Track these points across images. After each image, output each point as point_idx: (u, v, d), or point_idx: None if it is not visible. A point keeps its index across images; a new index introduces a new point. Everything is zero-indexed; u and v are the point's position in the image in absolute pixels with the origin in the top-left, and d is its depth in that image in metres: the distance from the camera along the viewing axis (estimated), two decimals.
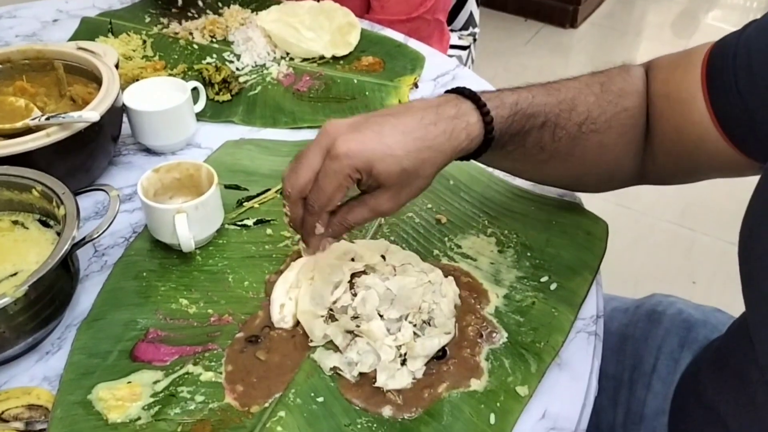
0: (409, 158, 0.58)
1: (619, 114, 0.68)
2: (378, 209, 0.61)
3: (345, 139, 0.57)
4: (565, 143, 0.67)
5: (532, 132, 0.66)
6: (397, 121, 0.59)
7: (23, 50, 0.88)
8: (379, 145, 0.57)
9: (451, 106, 0.62)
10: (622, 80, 0.69)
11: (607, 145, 0.69)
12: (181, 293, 0.70)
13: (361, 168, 0.57)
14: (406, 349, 0.62)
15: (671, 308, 0.86)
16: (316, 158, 0.58)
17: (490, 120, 0.62)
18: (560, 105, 0.66)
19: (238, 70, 1.05)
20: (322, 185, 0.58)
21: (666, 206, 2.15)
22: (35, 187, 0.69)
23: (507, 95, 0.65)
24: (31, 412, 0.59)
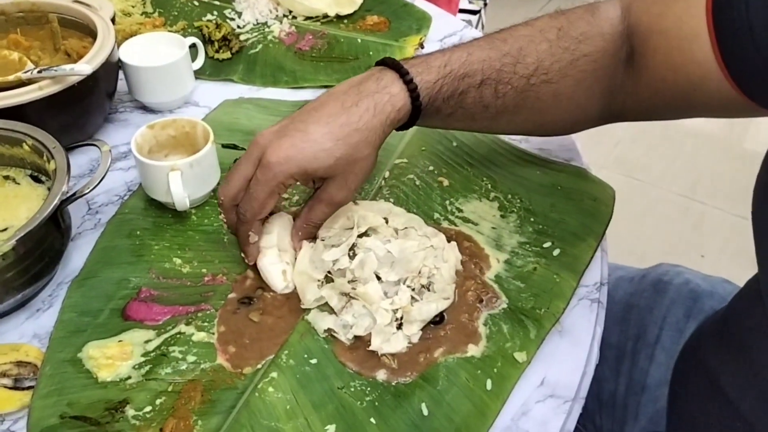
0: (339, 146, 0.59)
1: (577, 61, 0.64)
2: (333, 201, 0.63)
3: (274, 148, 0.58)
4: (511, 98, 0.65)
5: (469, 92, 0.63)
6: (320, 113, 0.60)
7: (17, 3, 0.85)
8: (308, 144, 0.58)
9: (373, 80, 0.61)
10: (585, 23, 0.65)
11: (564, 94, 0.65)
12: (175, 252, 0.68)
13: (295, 173, 0.59)
14: (402, 313, 0.61)
15: (678, 278, 0.84)
16: (248, 168, 0.60)
17: (414, 87, 0.61)
18: (503, 59, 0.63)
19: (239, 27, 1.02)
20: (254, 194, 0.60)
21: (676, 178, 2.12)
22: (26, 141, 0.67)
23: (435, 58, 0.63)
24: (20, 368, 0.58)
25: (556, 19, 0.66)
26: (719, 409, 0.65)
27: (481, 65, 0.63)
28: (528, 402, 0.57)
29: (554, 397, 0.57)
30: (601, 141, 2.24)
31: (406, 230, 0.67)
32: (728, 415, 0.63)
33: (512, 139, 0.82)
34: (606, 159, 2.16)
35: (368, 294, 0.60)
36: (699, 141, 2.25)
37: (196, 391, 0.57)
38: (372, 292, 0.60)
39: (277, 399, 0.56)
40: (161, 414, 0.55)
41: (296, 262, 0.64)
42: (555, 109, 0.67)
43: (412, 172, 0.77)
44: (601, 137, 2.26)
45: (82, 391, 0.57)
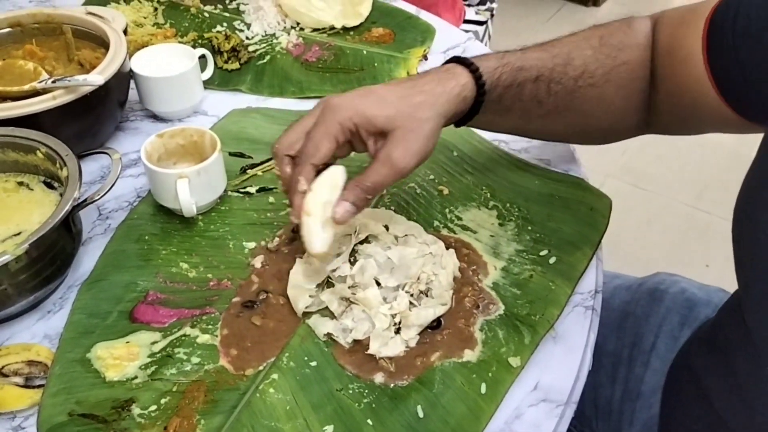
0: (402, 101, 0.59)
1: (618, 68, 0.67)
2: (389, 159, 0.58)
3: (339, 98, 0.59)
4: (562, 97, 0.67)
5: (526, 84, 0.66)
6: (387, 84, 0.63)
7: (33, 14, 0.88)
8: (372, 96, 0.60)
9: (438, 69, 0.64)
10: (623, 34, 0.68)
11: (606, 99, 0.69)
12: (182, 257, 0.71)
13: (354, 116, 0.58)
14: (400, 318, 0.62)
15: (674, 287, 0.86)
16: (308, 121, 0.60)
17: (476, 69, 0.64)
18: (554, 59, 0.66)
19: (248, 39, 1.05)
20: (312, 134, 0.59)
21: (682, 188, 2.12)
22: (39, 149, 0.70)
23: (493, 54, 0.67)
24: (31, 367, 0.60)
25: (596, 29, 0.69)
26: (706, 417, 0.66)
27: (535, 62, 0.66)
28: (521, 406, 0.58)
29: (547, 402, 0.59)
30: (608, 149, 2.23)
31: (405, 237, 0.69)
32: (714, 422, 0.64)
33: (512, 149, 0.84)
34: (613, 167, 2.17)
35: (368, 299, 0.62)
36: (706, 151, 2.26)
37: (200, 391, 0.59)
38: (371, 297, 0.62)
39: (277, 400, 0.58)
40: (166, 413, 0.57)
41: (290, 277, 0.66)
42: (598, 113, 0.71)
43: (413, 181, 0.79)
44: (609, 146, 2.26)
45: (90, 390, 0.59)
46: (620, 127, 0.73)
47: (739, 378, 0.61)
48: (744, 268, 0.57)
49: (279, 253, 0.70)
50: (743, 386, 0.60)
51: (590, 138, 0.77)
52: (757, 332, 0.56)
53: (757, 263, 0.55)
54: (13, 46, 0.88)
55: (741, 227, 0.57)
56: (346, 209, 0.59)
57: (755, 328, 0.56)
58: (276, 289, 0.67)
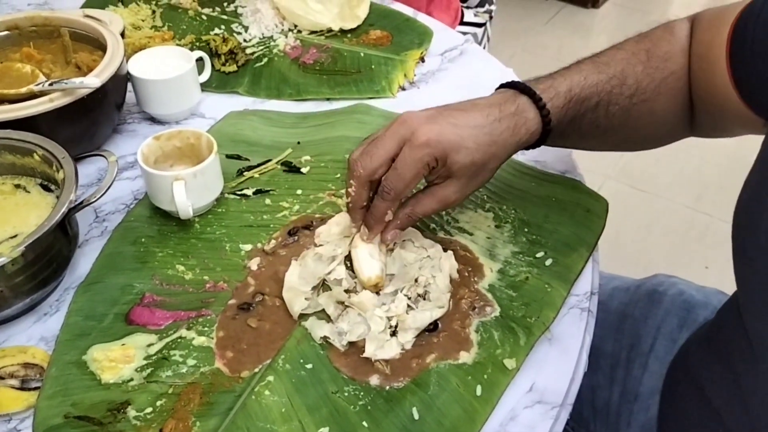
0: (480, 151, 0.61)
1: (667, 78, 0.68)
2: (446, 200, 0.63)
3: (425, 130, 0.59)
4: (618, 117, 0.68)
5: (586, 114, 0.67)
6: (467, 115, 0.62)
7: (31, 17, 0.89)
8: (455, 137, 0.60)
9: (510, 102, 0.64)
10: (667, 43, 0.69)
11: (658, 111, 0.70)
12: (178, 260, 0.71)
13: (439, 156, 0.60)
14: (397, 320, 0.62)
15: (672, 289, 0.86)
16: (392, 144, 0.60)
17: (546, 113, 0.64)
18: (611, 81, 0.67)
19: (246, 41, 1.05)
20: (402, 172, 0.60)
21: (682, 190, 2.12)
22: (36, 152, 0.70)
23: (560, 82, 0.66)
24: (27, 370, 0.60)
25: (641, 42, 0.70)
26: (704, 418, 0.66)
27: (596, 88, 0.67)
28: (516, 407, 0.58)
29: (542, 403, 0.59)
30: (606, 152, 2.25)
31: (404, 242, 0.69)
32: (712, 422, 0.64)
33: None
34: (612, 170, 2.17)
35: (362, 302, 0.62)
36: (705, 153, 2.26)
37: (195, 393, 0.59)
38: (365, 300, 0.62)
39: (273, 402, 0.58)
40: (161, 415, 0.57)
41: (285, 280, 0.66)
42: (651, 126, 0.72)
43: None
44: None
45: (85, 392, 0.59)
46: (671, 133, 0.74)
47: (736, 377, 0.61)
48: (743, 267, 0.58)
49: (275, 255, 0.70)
50: (741, 385, 0.60)
51: (642, 147, 0.79)
52: (753, 331, 0.56)
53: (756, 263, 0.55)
54: (11, 49, 0.88)
55: (741, 227, 0.58)
56: (396, 234, 0.65)
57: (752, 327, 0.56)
58: (272, 291, 0.67)
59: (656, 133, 0.74)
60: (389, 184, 0.61)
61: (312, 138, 0.86)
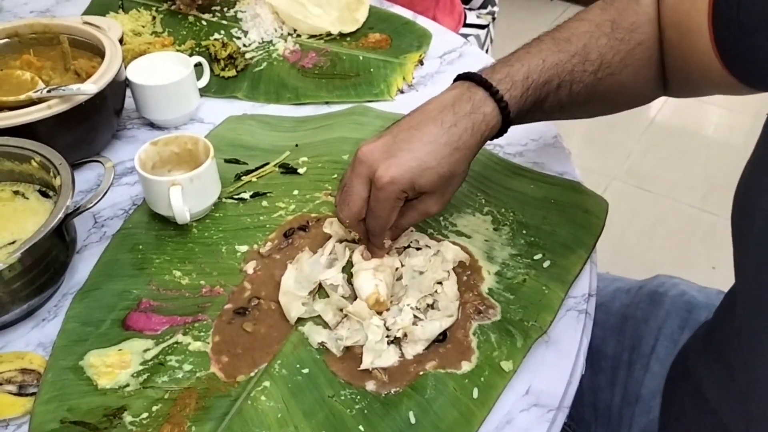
0: (443, 165, 0.62)
1: (634, 50, 0.67)
2: (428, 212, 0.65)
3: (384, 168, 0.60)
4: (583, 95, 0.68)
5: (548, 97, 0.66)
6: (422, 133, 0.62)
7: (30, 24, 0.89)
8: (415, 162, 0.61)
9: (465, 100, 0.63)
10: (633, 12, 0.68)
11: (625, 83, 0.69)
12: (175, 265, 0.71)
13: (407, 188, 0.61)
14: (403, 332, 0.62)
15: (674, 290, 0.85)
16: (361, 188, 0.62)
17: (504, 105, 0.64)
18: (572, 59, 0.66)
19: (245, 46, 1.05)
20: (378, 213, 0.62)
21: (687, 190, 2.11)
22: (34, 158, 0.70)
23: (516, 69, 0.65)
24: (24, 375, 0.61)
25: (606, 11, 0.69)
26: (703, 418, 0.65)
27: (555, 69, 0.66)
28: (512, 411, 0.58)
29: (538, 406, 0.58)
30: (612, 152, 2.25)
31: (407, 250, 0.69)
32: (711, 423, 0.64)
33: (506, 153, 0.84)
34: (618, 170, 2.16)
35: (359, 311, 0.62)
36: (711, 152, 2.25)
37: (191, 398, 0.59)
38: (361, 308, 0.62)
39: (268, 407, 0.58)
40: (157, 420, 0.57)
41: (281, 284, 0.66)
42: (618, 97, 0.71)
43: None
44: (613, 148, 2.26)
45: (82, 397, 0.59)
46: (641, 99, 0.74)
47: (733, 375, 0.60)
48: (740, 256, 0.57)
49: (271, 258, 0.70)
50: (738, 384, 0.60)
51: (612, 112, 0.78)
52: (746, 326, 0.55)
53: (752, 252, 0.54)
54: (11, 56, 0.88)
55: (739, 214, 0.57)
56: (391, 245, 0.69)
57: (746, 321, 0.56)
58: (268, 295, 0.67)
59: (626, 101, 0.74)
60: (372, 224, 0.64)
61: (310, 140, 0.86)
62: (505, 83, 0.64)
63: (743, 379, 0.58)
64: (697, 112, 2.43)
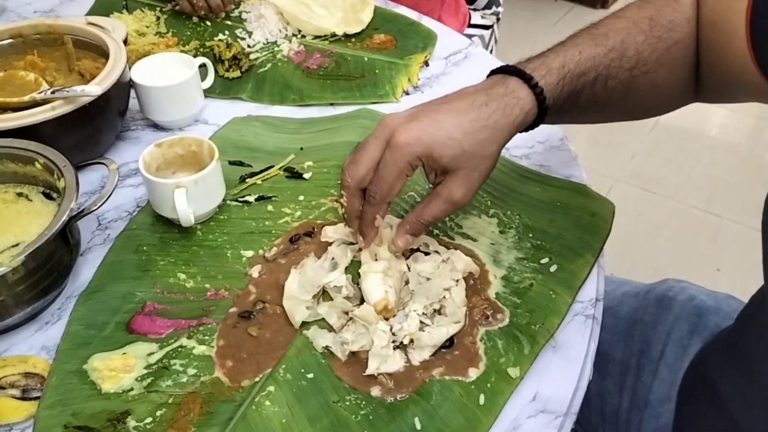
0: (468, 139, 0.59)
1: (670, 49, 0.66)
2: (452, 198, 0.61)
3: (403, 129, 0.58)
4: (618, 91, 0.66)
5: (584, 89, 0.65)
6: (450, 106, 0.60)
7: (34, 25, 0.89)
8: (437, 131, 0.58)
9: (499, 85, 0.62)
10: (672, 10, 0.67)
11: (659, 82, 0.68)
12: (180, 268, 0.70)
13: (422, 154, 0.58)
14: (410, 338, 0.61)
15: (683, 294, 0.84)
16: (376, 150, 0.60)
17: (540, 91, 0.62)
18: (609, 54, 0.65)
19: (250, 47, 1.05)
20: (383, 175, 0.59)
21: (692, 191, 2.10)
22: (38, 160, 0.70)
23: (552, 59, 0.64)
24: (28, 379, 0.60)
25: (644, 8, 0.67)
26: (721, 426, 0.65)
27: (592, 62, 0.64)
28: (519, 417, 0.57)
29: (546, 413, 0.58)
30: (617, 153, 2.24)
31: (415, 254, 0.68)
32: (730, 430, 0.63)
33: (513, 156, 0.83)
34: (622, 172, 2.15)
35: (365, 315, 0.62)
36: (715, 154, 2.24)
37: (195, 403, 0.59)
38: (367, 312, 0.61)
39: (273, 413, 0.58)
40: (161, 425, 0.57)
41: (285, 288, 0.65)
42: (652, 97, 0.70)
43: (413, 189, 0.78)
44: (618, 150, 2.26)
45: (86, 401, 0.59)
46: (674, 102, 0.73)
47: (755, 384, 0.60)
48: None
49: (276, 262, 0.70)
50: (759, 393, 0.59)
51: (643, 117, 0.77)
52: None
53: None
54: (15, 57, 0.88)
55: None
56: (408, 240, 0.64)
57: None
58: (273, 299, 0.66)
59: (658, 103, 0.72)
60: (373, 188, 0.61)
61: (315, 143, 0.86)
62: (540, 70, 0.63)
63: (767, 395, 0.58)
64: (701, 114, 2.42)
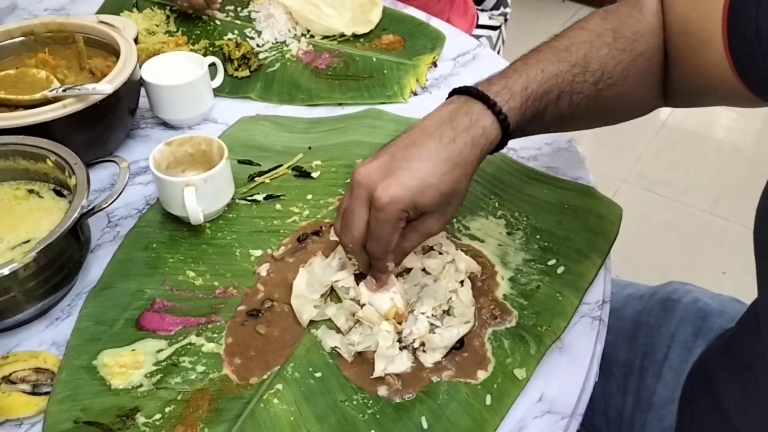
0: (444, 182, 0.59)
1: (635, 60, 0.66)
2: (428, 232, 0.63)
3: (383, 188, 0.58)
4: (583, 106, 0.66)
5: (548, 108, 0.64)
6: (420, 150, 0.60)
7: (46, 23, 0.89)
8: (415, 181, 0.59)
9: (463, 114, 0.61)
10: (636, 21, 0.66)
11: (626, 94, 0.67)
12: (189, 265, 0.71)
13: (408, 208, 0.59)
14: (420, 341, 0.62)
15: (687, 296, 0.84)
16: (361, 211, 0.60)
17: (503, 117, 0.62)
18: (572, 69, 0.64)
19: (259, 46, 1.05)
20: (379, 235, 0.60)
21: (698, 194, 2.10)
22: (49, 157, 0.71)
23: (514, 81, 0.63)
24: (38, 375, 0.61)
25: (607, 20, 0.67)
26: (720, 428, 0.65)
27: (555, 80, 0.64)
28: (525, 417, 0.58)
29: (552, 413, 0.58)
30: (623, 155, 2.24)
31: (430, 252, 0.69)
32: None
33: (520, 157, 0.83)
34: (628, 173, 2.15)
35: (368, 317, 0.62)
36: (722, 156, 2.23)
37: (204, 399, 0.59)
38: (371, 313, 0.62)
39: (281, 410, 0.58)
40: (170, 421, 0.57)
41: (293, 287, 0.66)
42: (619, 108, 0.70)
43: None
44: (623, 151, 2.25)
45: (95, 397, 0.59)
46: (639, 111, 0.73)
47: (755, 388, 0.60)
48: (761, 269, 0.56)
49: (284, 261, 0.70)
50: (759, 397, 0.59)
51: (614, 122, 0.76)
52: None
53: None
54: (27, 54, 0.89)
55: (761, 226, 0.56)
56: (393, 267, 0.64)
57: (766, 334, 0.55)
58: (281, 297, 0.67)
59: (626, 112, 0.72)
60: (373, 251, 0.62)
61: (323, 143, 0.86)
62: (503, 95, 0.62)
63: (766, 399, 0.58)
64: (708, 116, 2.42)
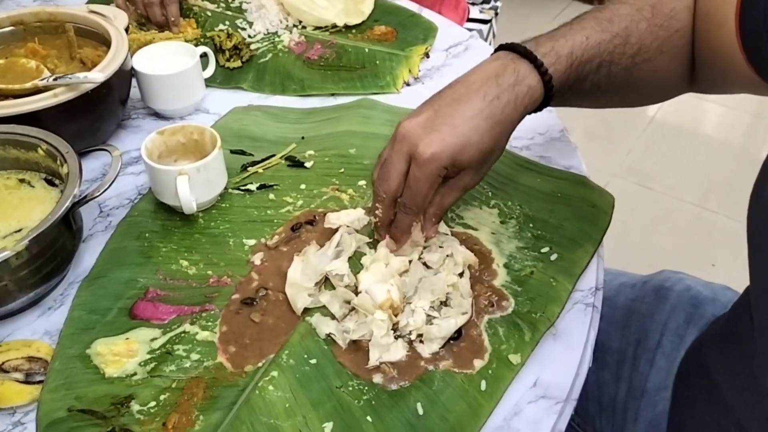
0: (485, 140, 0.60)
1: (671, 37, 0.67)
2: (466, 187, 0.65)
3: (426, 144, 0.59)
4: (620, 78, 0.67)
5: (589, 76, 0.66)
6: (464, 107, 0.61)
7: (36, 12, 0.89)
8: (457, 138, 0.59)
9: (510, 72, 0.62)
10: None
11: (660, 70, 0.68)
12: (182, 254, 0.71)
13: (448, 164, 0.60)
14: (417, 333, 0.62)
15: (679, 284, 0.85)
16: (401, 163, 0.61)
17: (549, 79, 0.63)
18: (614, 40, 0.65)
19: (250, 37, 1.05)
20: (417, 189, 0.61)
21: (688, 187, 2.11)
22: (40, 146, 0.70)
23: (561, 45, 0.64)
24: (31, 363, 0.60)
25: None
26: (718, 414, 0.66)
27: (598, 48, 0.65)
28: (520, 402, 0.58)
29: (546, 398, 0.58)
30: (613, 149, 2.25)
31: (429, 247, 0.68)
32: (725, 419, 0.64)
33: (513, 147, 0.83)
34: (619, 167, 2.16)
35: (363, 304, 0.62)
36: (712, 150, 2.25)
37: (199, 387, 0.59)
38: (365, 301, 0.62)
39: (276, 397, 0.58)
40: (165, 409, 0.57)
41: (288, 275, 0.65)
42: (651, 84, 0.71)
43: None
44: (614, 145, 2.26)
45: (89, 386, 0.59)
46: (671, 90, 0.73)
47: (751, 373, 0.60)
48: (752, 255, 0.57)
49: (278, 250, 0.70)
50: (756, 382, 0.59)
51: (640, 104, 0.78)
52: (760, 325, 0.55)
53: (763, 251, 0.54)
54: (16, 44, 0.88)
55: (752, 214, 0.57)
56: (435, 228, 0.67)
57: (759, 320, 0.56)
58: (275, 286, 0.66)
59: (657, 91, 0.73)
60: (408, 202, 0.62)
61: (316, 133, 0.86)
62: (550, 57, 0.63)
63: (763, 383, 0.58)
64: (697, 110, 2.44)
